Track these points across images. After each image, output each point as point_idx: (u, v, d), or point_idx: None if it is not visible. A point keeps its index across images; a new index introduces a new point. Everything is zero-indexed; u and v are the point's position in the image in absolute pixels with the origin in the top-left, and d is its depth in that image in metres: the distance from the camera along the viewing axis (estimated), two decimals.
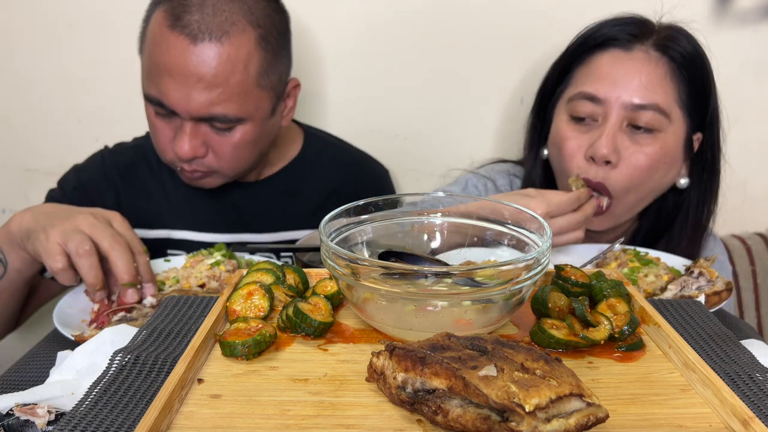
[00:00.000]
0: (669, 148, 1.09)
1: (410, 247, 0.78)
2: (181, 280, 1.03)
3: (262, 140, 1.22)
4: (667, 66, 1.09)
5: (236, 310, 0.69)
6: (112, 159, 1.34)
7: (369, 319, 0.67)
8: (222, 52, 1.08)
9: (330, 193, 1.36)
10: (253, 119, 1.16)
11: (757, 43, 1.57)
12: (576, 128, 1.13)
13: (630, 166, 1.08)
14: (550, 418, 0.47)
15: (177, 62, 1.08)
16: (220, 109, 1.11)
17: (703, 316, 0.73)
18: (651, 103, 1.07)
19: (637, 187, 1.10)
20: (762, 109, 1.64)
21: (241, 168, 1.22)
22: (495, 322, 0.66)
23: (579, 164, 1.12)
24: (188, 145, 1.13)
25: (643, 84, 1.07)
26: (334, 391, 0.56)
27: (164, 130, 1.16)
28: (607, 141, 1.07)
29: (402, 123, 1.61)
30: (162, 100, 1.11)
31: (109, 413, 0.53)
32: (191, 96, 1.09)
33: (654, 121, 1.07)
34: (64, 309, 0.97)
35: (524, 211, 0.72)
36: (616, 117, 1.08)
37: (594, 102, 1.10)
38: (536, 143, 1.24)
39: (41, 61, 1.52)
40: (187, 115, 1.11)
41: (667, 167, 1.11)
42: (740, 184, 1.72)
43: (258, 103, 1.15)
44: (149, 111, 1.17)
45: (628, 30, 1.11)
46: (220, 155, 1.17)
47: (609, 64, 1.10)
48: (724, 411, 0.52)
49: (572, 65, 1.16)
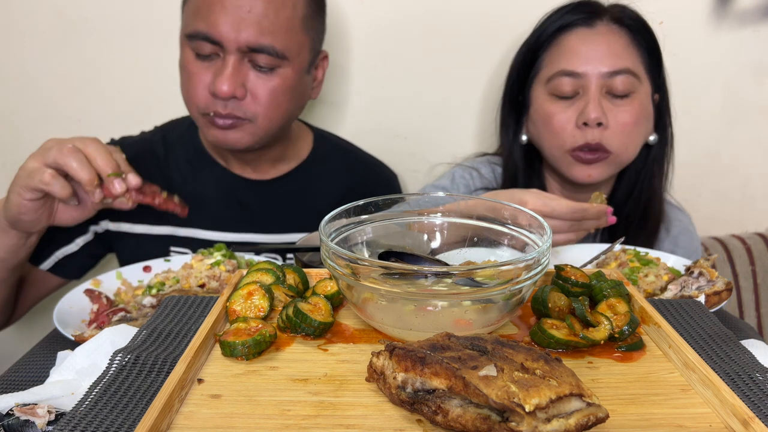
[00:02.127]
0: (644, 105, 1.22)
1: (410, 247, 0.78)
2: (181, 280, 1.03)
3: (296, 97, 1.23)
4: (627, 34, 1.22)
5: (236, 310, 0.69)
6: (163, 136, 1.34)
7: (369, 319, 0.67)
8: None
9: (339, 195, 1.36)
10: (294, 63, 1.18)
11: (757, 43, 1.57)
12: (560, 103, 1.22)
13: (619, 124, 1.19)
14: (550, 418, 0.47)
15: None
16: (268, 39, 1.13)
17: (703, 316, 0.73)
18: (623, 68, 1.19)
19: (630, 141, 1.22)
20: (762, 109, 1.65)
21: (273, 123, 1.21)
22: (495, 322, 0.66)
23: (572, 133, 1.21)
24: (228, 81, 1.13)
25: (613, 52, 1.19)
26: (334, 391, 0.56)
27: (201, 75, 1.16)
28: (595, 105, 1.18)
29: (402, 123, 1.62)
30: (210, 32, 1.12)
31: (109, 413, 0.53)
32: (242, 25, 1.11)
33: (628, 83, 1.19)
34: (64, 309, 0.97)
35: (524, 211, 0.72)
36: (595, 86, 1.19)
37: (573, 77, 1.20)
38: (512, 130, 1.33)
39: (41, 61, 1.52)
40: (234, 46, 1.12)
41: (646, 121, 1.24)
42: (740, 184, 1.73)
43: (301, 47, 1.18)
44: (187, 56, 1.17)
45: (585, 10, 1.23)
46: (258, 99, 1.17)
47: (578, 41, 1.21)
48: (724, 411, 0.52)
49: (539, 51, 1.26)
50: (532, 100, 1.28)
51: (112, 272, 1.09)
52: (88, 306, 1.00)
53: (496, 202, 0.77)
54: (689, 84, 1.60)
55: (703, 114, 1.65)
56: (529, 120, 1.30)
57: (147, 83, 1.54)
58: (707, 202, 1.73)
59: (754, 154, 1.69)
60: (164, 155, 1.31)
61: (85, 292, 1.01)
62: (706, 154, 1.69)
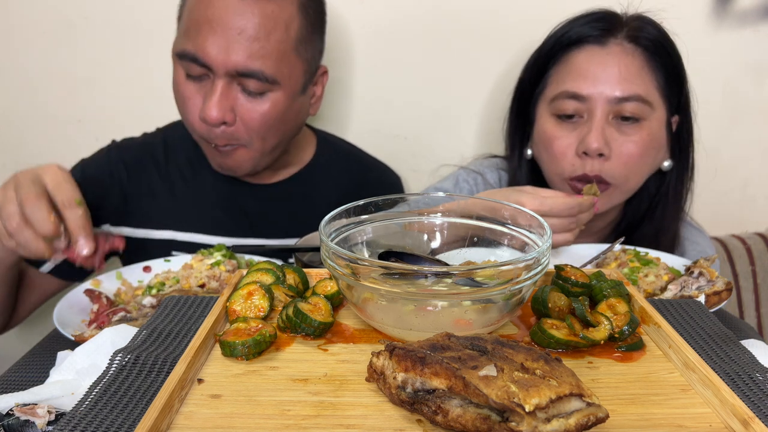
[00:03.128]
0: (654, 133, 1.13)
1: (410, 247, 0.78)
2: (181, 280, 1.03)
3: (290, 117, 1.20)
4: (642, 56, 1.12)
5: (236, 310, 0.69)
6: (119, 155, 1.32)
7: (369, 319, 0.67)
8: (266, 9, 1.09)
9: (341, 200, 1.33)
10: (285, 87, 1.14)
11: (757, 43, 1.57)
12: (563, 126, 1.15)
13: (622, 155, 1.11)
14: (550, 418, 0.47)
15: (220, 14, 1.08)
16: (258, 64, 1.10)
17: (703, 316, 0.73)
18: (633, 94, 1.09)
19: (633, 173, 1.14)
20: (762, 109, 1.65)
21: (268, 147, 1.20)
22: (495, 322, 0.66)
23: (571, 161, 1.14)
24: (216, 107, 1.10)
25: (624, 77, 1.09)
26: (334, 391, 0.56)
27: (193, 97, 1.14)
28: (597, 135, 1.09)
29: (402, 123, 1.62)
30: (198, 54, 1.10)
31: (109, 413, 0.53)
32: (231, 48, 1.08)
33: (638, 110, 1.10)
34: (64, 309, 0.97)
35: (524, 211, 0.72)
36: (601, 112, 1.10)
37: (578, 100, 1.12)
38: (518, 144, 1.27)
39: (42, 61, 1.52)
40: (222, 69, 1.10)
41: (656, 151, 1.15)
42: (740, 185, 1.73)
43: (292, 70, 1.15)
44: (179, 75, 1.15)
45: (600, 26, 1.13)
46: (249, 124, 1.14)
47: (587, 61, 1.12)
48: (724, 411, 0.52)
49: (548, 65, 1.18)
50: (537, 117, 1.21)
51: (112, 272, 1.09)
52: (88, 306, 1.00)
53: (496, 202, 0.77)
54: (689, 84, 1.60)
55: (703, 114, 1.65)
56: (534, 137, 1.24)
57: (147, 83, 1.54)
58: (707, 202, 1.72)
59: (754, 154, 1.69)
60: (165, 160, 1.31)
61: (85, 292, 1.01)
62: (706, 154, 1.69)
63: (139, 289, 1.05)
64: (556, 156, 1.15)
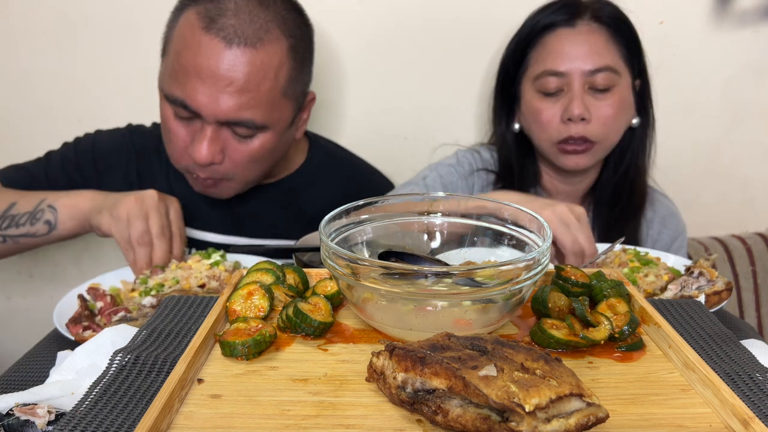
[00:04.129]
0: (624, 96, 1.30)
1: (410, 247, 0.78)
2: (181, 281, 1.03)
3: (278, 151, 1.22)
4: (607, 32, 1.29)
5: (236, 310, 0.69)
6: (132, 140, 1.35)
7: (369, 319, 0.67)
8: (255, 59, 1.08)
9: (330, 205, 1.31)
10: (274, 128, 1.16)
11: (757, 43, 1.57)
12: (546, 100, 1.31)
13: (601, 118, 1.28)
14: (550, 418, 0.47)
15: (209, 64, 1.07)
16: (248, 114, 1.10)
17: (703, 316, 0.73)
18: (603, 65, 1.26)
19: (611, 131, 1.31)
20: (762, 110, 1.65)
21: (253, 177, 1.23)
22: (495, 322, 0.66)
23: (557, 128, 1.30)
24: (207, 150, 1.11)
25: (594, 51, 1.27)
26: (334, 391, 0.56)
27: (181, 134, 1.15)
28: (578, 103, 1.26)
29: (402, 123, 1.61)
30: (187, 101, 1.10)
31: (109, 413, 0.53)
32: (220, 99, 1.08)
33: (609, 79, 1.27)
34: (64, 309, 0.97)
35: (524, 211, 0.72)
36: (578, 84, 1.27)
37: (558, 76, 1.28)
38: (504, 120, 1.42)
39: (42, 60, 1.52)
40: (212, 118, 1.10)
41: (626, 111, 1.33)
42: (740, 185, 1.73)
43: (282, 113, 1.16)
44: (167, 113, 1.16)
45: (567, 11, 1.30)
46: (237, 162, 1.16)
47: (560, 42, 1.29)
48: (724, 411, 0.52)
49: (526, 49, 1.34)
50: (522, 95, 1.36)
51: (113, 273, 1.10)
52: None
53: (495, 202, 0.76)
54: (689, 84, 1.60)
55: (703, 114, 1.65)
56: (521, 112, 1.38)
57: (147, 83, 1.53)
58: (707, 202, 1.73)
59: (754, 155, 1.69)
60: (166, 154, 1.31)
61: (88, 291, 1.01)
62: (706, 154, 1.69)
63: (134, 291, 1.04)
64: (544, 125, 1.31)
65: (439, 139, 1.61)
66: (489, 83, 1.56)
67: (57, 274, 1.68)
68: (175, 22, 1.15)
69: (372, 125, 1.61)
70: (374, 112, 1.61)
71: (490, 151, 1.47)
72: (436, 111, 1.60)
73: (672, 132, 1.57)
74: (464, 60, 1.56)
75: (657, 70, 1.37)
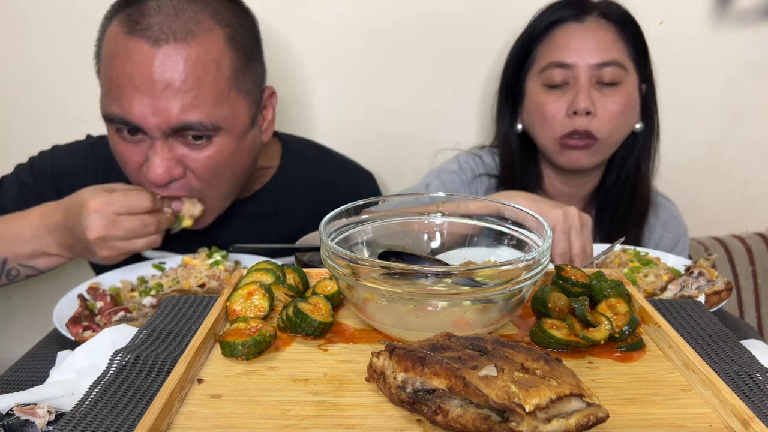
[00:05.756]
0: (630, 94, 1.30)
1: (410, 247, 0.78)
2: (181, 280, 1.03)
3: (242, 157, 1.11)
4: (615, 28, 1.29)
5: (236, 310, 0.69)
6: (95, 153, 1.25)
7: (369, 319, 0.67)
8: (190, 53, 0.98)
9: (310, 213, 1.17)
10: (230, 129, 1.05)
11: (757, 43, 1.57)
12: (552, 93, 1.30)
13: (606, 113, 1.27)
14: (550, 418, 0.47)
15: (140, 70, 0.98)
16: (194, 116, 1.00)
17: (703, 316, 0.73)
18: (611, 60, 1.26)
19: (616, 129, 1.30)
20: (762, 109, 1.65)
21: (223, 190, 1.12)
22: (495, 322, 0.66)
23: (562, 122, 1.28)
24: (161, 167, 1.01)
25: (601, 45, 1.26)
26: (334, 391, 0.56)
27: (132, 156, 1.05)
28: (584, 96, 1.25)
29: (402, 123, 1.61)
30: (126, 117, 1.00)
31: (109, 413, 0.53)
32: (160, 106, 0.98)
33: (615, 74, 1.26)
34: (64, 309, 0.97)
35: (524, 211, 0.72)
36: (585, 77, 1.26)
37: (564, 68, 1.27)
38: (507, 119, 1.41)
39: (41, 60, 1.52)
40: (156, 131, 1.00)
41: (632, 110, 1.31)
42: (741, 184, 1.73)
43: (234, 110, 1.05)
44: (113, 137, 1.06)
45: (574, 7, 1.30)
46: (198, 173, 1.06)
47: (568, 35, 1.29)
48: (724, 411, 0.52)
49: (533, 45, 1.33)
50: (527, 91, 1.35)
51: (113, 272, 1.10)
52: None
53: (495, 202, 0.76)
54: (689, 84, 1.60)
55: (703, 114, 1.65)
56: (524, 110, 1.37)
57: None
58: (707, 202, 1.73)
59: (754, 155, 1.69)
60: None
61: (88, 291, 1.01)
62: (706, 154, 1.69)
63: (133, 291, 1.04)
64: (548, 119, 1.30)
65: (439, 139, 1.61)
66: (490, 84, 1.56)
67: (57, 274, 1.67)
68: (101, 37, 1.08)
69: (372, 125, 1.61)
70: (374, 112, 1.61)
71: (492, 154, 1.46)
72: (437, 111, 1.60)
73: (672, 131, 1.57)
74: (465, 60, 1.56)
75: (657, 70, 1.37)
